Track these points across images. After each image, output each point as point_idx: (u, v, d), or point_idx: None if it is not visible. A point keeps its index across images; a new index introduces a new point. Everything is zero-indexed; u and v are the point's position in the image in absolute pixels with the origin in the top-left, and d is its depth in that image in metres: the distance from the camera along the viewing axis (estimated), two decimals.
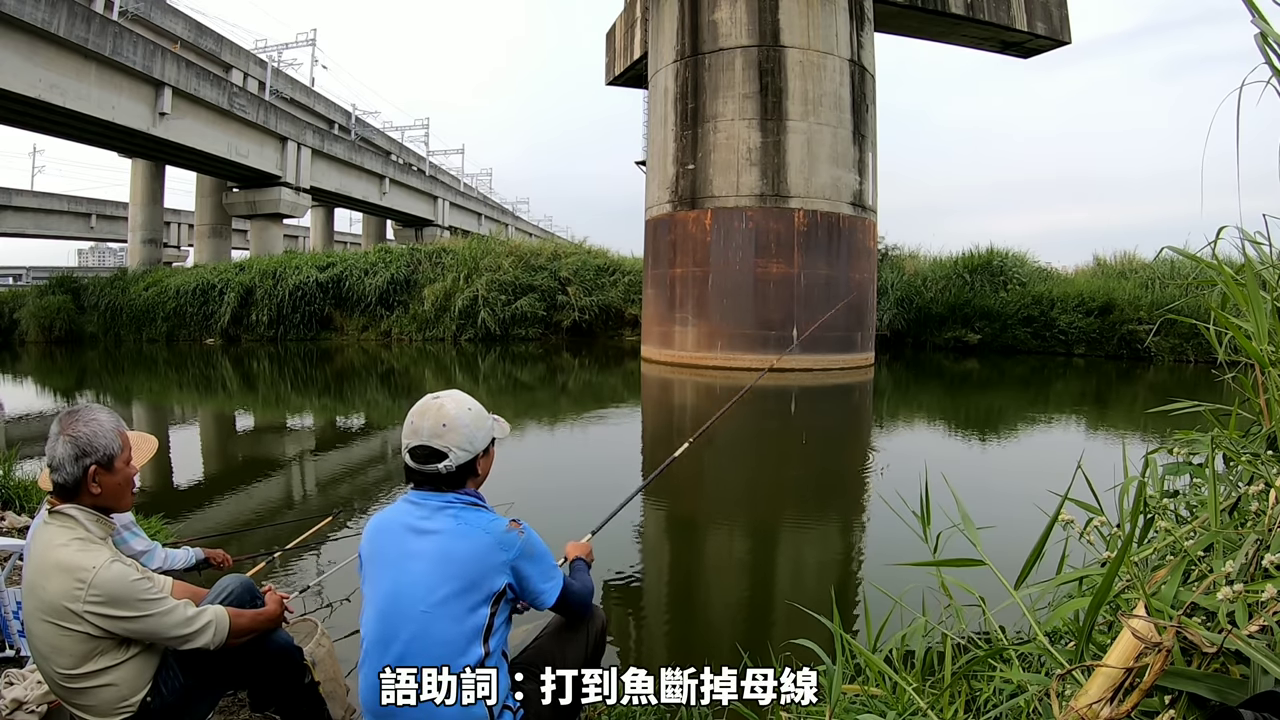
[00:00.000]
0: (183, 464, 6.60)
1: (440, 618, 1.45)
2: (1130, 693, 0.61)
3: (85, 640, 1.51)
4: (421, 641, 1.45)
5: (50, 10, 15.56)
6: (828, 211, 12.72)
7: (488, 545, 1.49)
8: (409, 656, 1.44)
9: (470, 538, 1.49)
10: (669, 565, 4.17)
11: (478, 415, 1.59)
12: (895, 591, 1.63)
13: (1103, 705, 0.61)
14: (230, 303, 19.52)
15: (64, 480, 1.57)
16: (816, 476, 6.35)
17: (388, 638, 1.47)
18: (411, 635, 1.45)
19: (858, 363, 13.19)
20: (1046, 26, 16.07)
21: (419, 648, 1.45)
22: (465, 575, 1.47)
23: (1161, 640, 0.62)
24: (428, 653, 1.44)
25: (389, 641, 1.46)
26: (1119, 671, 0.62)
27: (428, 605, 1.45)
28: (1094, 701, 0.61)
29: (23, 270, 50.02)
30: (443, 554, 1.48)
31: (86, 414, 1.61)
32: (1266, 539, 0.75)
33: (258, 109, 23.36)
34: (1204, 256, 1.40)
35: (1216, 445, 1.17)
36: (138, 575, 1.56)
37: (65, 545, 1.53)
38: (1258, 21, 0.90)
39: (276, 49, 33.55)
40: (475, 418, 1.58)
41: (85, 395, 11.45)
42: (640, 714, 1.94)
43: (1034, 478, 1.73)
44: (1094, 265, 18.50)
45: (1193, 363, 13.64)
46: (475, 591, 1.47)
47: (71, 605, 1.49)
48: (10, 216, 34.68)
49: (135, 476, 1.69)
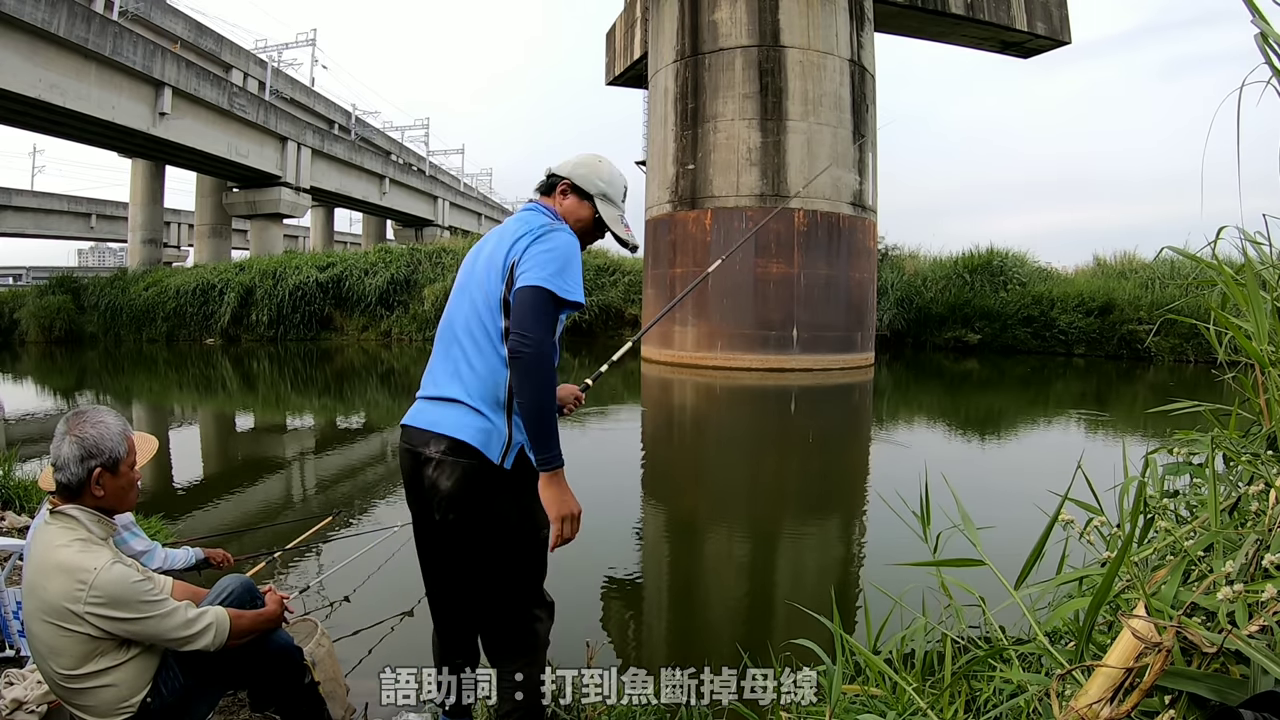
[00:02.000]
0: (183, 464, 6.60)
1: (482, 285, 1.64)
2: (1130, 693, 0.61)
3: (85, 641, 1.51)
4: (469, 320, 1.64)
5: (50, 10, 15.56)
6: (828, 211, 12.72)
7: (514, 230, 1.66)
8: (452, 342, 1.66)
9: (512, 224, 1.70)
10: (669, 565, 4.17)
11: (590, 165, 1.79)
12: (895, 591, 1.63)
13: (1103, 705, 0.61)
14: (230, 303, 19.52)
15: (67, 480, 1.57)
16: (816, 476, 6.35)
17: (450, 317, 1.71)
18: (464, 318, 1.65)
19: (858, 363, 13.19)
20: (1046, 26, 16.08)
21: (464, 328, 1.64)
22: (495, 258, 1.63)
23: (1161, 640, 0.62)
24: (470, 330, 1.62)
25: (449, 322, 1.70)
26: (1119, 671, 0.62)
27: (480, 285, 1.65)
28: (1094, 701, 0.61)
29: (23, 270, 50.03)
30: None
31: (94, 415, 1.61)
32: (1267, 539, 0.75)
33: (258, 109, 23.36)
34: (1204, 256, 1.40)
35: (1217, 445, 1.17)
36: (139, 577, 1.56)
37: (67, 546, 1.53)
38: (1258, 21, 0.90)
39: (276, 49, 33.56)
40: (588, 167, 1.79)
41: (85, 395, 11.44)
42: (640, 714, 1.94)
43: (1034, 478, 1.73)
44: (1094, 265, 18.50)
45: (1193, 363, 13.64)
46: (500, 269, 1.61)
47: (72, 606, 1.49)
48: (10, 216, 34.68)
49: (139, 480, 1.69)
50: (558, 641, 1.77)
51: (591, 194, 1.74)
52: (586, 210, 1.74)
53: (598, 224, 1.76)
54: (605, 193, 1.75)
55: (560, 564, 1.81)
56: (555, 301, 1.50)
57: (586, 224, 1.75)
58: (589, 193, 1.74)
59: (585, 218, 1.74)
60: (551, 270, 1.51)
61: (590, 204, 1.74)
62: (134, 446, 1.67)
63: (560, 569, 1.83)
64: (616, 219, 1.76)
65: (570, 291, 1.52)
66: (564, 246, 1.57)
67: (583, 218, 1.74)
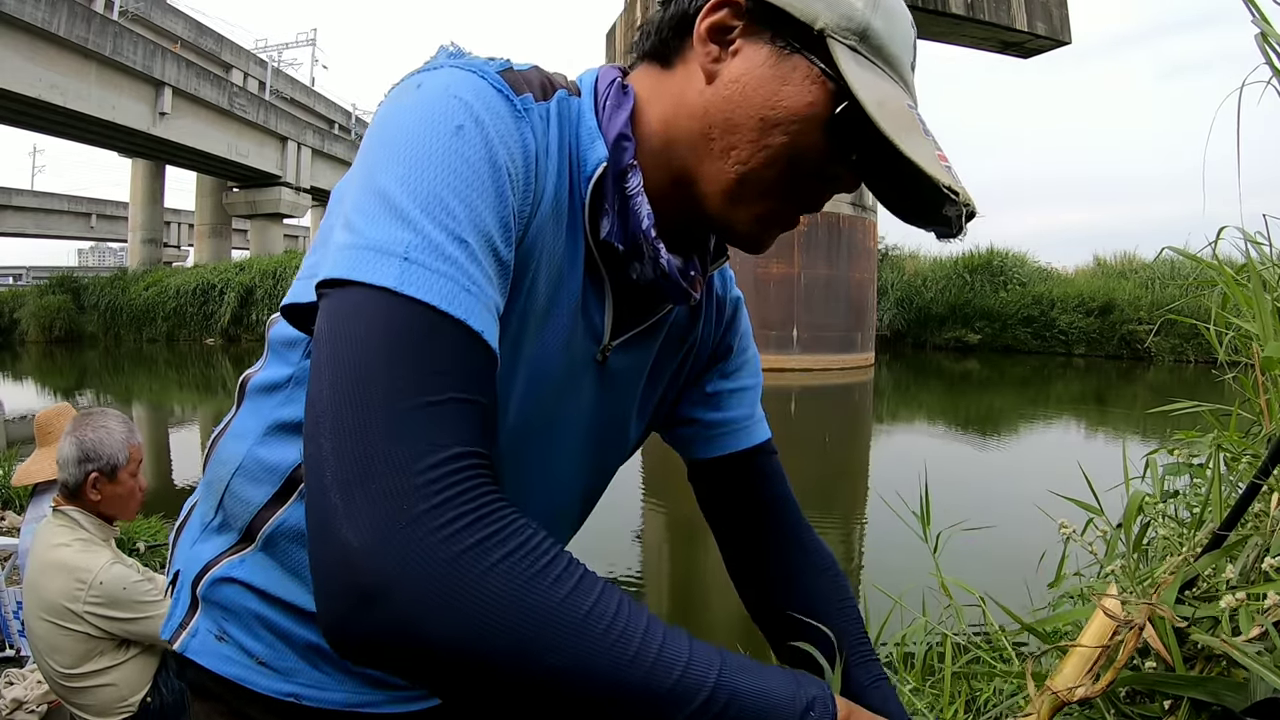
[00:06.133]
0: (183, 464, 6.60)
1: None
2: (1106, 670, 0.62)
3: (85, 640, 1.52)
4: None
5: (50, 10, 15.56)
6: (828, 211, 12.72)
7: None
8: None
9: None
10: (669, 565, 4.17)
11: None
12: (895, 591, 1.63)
13: (1079, 686, 0.61)
14: (230, 303, 19.52)
15: (66, 480, 1.57)
16: (817, 476, 6.35)
17: None
18: None
19: (858, 363, 13.19)
20: (1046, 26, 16.07)
21: None
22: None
23: (1132, 618, 0.63)
24: None
25: None
26: (1094, 650, 0.63)
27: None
28: (1070, 684, 0.62)
29: (23, 270, 50.02)
30: None
31: (100, 419, 1.60)
32: (1267, 541, 0.75)
33: (258, 109, 23.37)
34: (1204, 257, 1.40)
35: (1219, 446, 1.17)
36: (138, 577, 1.57)
37: (67, 545, 1.53)
38: (1258, 22, 0.90)
39: (276, 49, 33.61)
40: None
41: (85, 395, 11.44)
42: None
43: (1034, 478, 1.73)
44: (1094, 265, 18.52)
45: (1193, 363, 13.63)
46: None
47: (71, 605, 1.49)
48: (10, 216, 34.69)
49: (143, 488, 1.68)
50: None
51: (821, 27, 0.47)
52: (801, 79, 0.48)
53: (837, 131, 0.48)
54: (866, 28, 0.48)
55: None
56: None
57: (798, 130, 0.48)
58: (811, 24, 0.48)
59: (795, 106, 0.48)
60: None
61: (809, 61, 0.48)
62: (138, 454, 1.66)
63: None
64: (906, 122, 0.47)
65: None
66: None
67: (787, 105, 0.48)
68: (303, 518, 0.51)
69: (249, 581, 0.60)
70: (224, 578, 0.61)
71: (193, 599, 0.63)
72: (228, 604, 0.61)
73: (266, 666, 0.60)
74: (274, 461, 0.58)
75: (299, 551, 0.58)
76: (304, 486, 0.41)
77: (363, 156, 0.44)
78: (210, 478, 0.63)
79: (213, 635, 0.61)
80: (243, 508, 0.60)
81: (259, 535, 0.59)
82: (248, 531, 0.60)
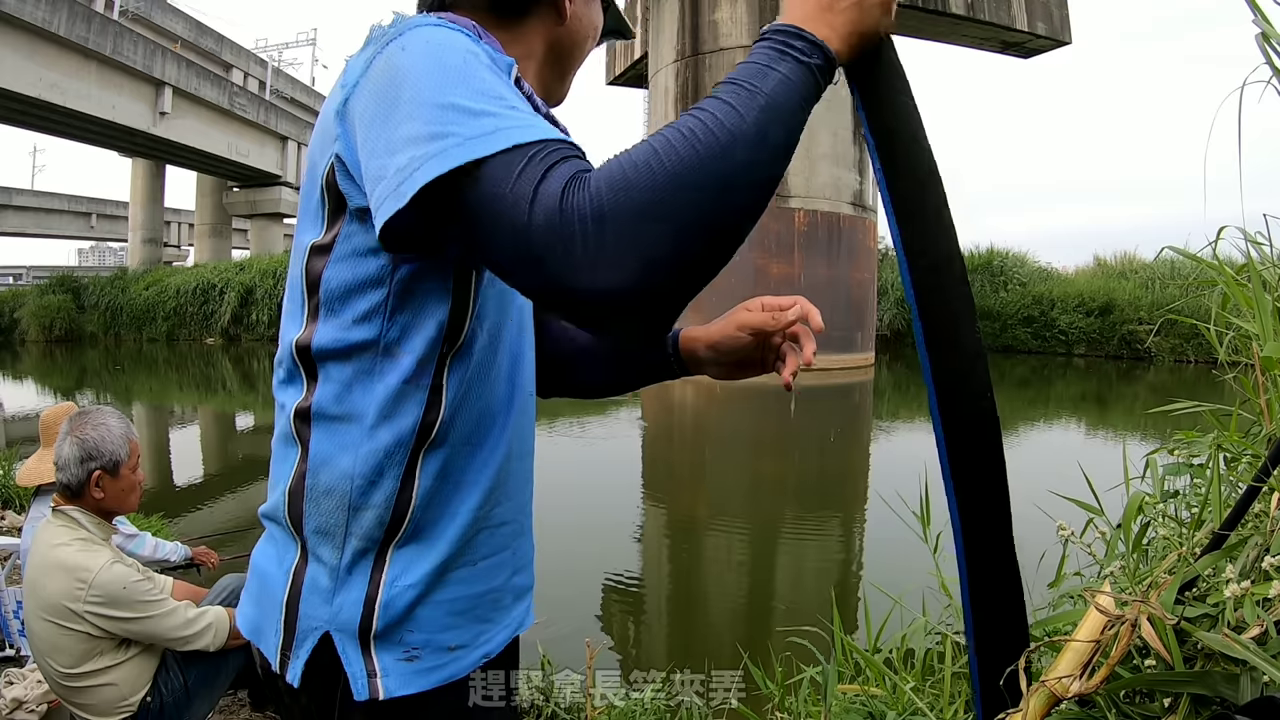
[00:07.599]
0: (183, 463, 6.60)
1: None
2: (1099, 668, 0.62)
3: (85, 640, 1.52)
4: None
5: (50, 9, 15.55)
6: (828, 211, 12.71)
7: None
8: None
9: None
10: (669, 565, 4.17)
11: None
12: (895, 591, 1.63)
13: (1072, 680, 0.61)
14: (230, 302, 19.52)
15: (67, 481, 1.57)
16: (817, 476, 6.35)
17: None
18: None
19: (858, 362, 13.18)
20: (1047, 26, 16.07)
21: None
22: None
23: (1125, 614, 0.63)
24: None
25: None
26: (1088, 646, 0.63)
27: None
28: (1063, 676, 0.62)
29: (23, 270, 50.02)
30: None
31: (97, 417, 1.61)
32: (1267, 540, 0.75)
33: (258, 108, 23.37)
34: (1204, 257, 1.40)
35: (1219, 446, 1.17)
36: (138, 576, 1.57)
37: (67, 545, 1.54)
38: (1259, 21, 0.90)
39: (277, 48, 33.64)
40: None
41: (85, 395, 11.45)
42: (640, 714, 1.94)
43: (1034, 478, 1.73)
44: (1094, 265, 18.49)
45: (1193, 363, 13.63)
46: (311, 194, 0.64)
47: (71, 605, 1.49)
48: (10, 216, 34.68)
49: (141, 482, 1.69)
50: (558, 642, 1.77)
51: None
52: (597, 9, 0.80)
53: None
54: None
55: (561, 564, 1.80)
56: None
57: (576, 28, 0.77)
58: None
59: (598, 22, 0.81)
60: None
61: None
62: (137, 449, 1.67)
63: (561, 569, 1.82)
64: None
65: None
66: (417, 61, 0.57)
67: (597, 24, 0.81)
68: (434, 468, 0.62)
69: (410, 583, 0.62)
70: (389, 600, 0.61)
71: (362, 648, 0.61)
72: (408, 622, 0.62)
73: (461, 648, 0.64)
74: (389, 442, 0.61)
75: (446, 494, 0.64)
76: (429, 446, 0.62)
77: (394, 107, 0.54)
78: (318, 525, 0.62)
79: (403, 661, 0.61)
80: (374, 515, 0.61)
81: (403, 526, 0.62)
82: (385, 538, 0.62)
